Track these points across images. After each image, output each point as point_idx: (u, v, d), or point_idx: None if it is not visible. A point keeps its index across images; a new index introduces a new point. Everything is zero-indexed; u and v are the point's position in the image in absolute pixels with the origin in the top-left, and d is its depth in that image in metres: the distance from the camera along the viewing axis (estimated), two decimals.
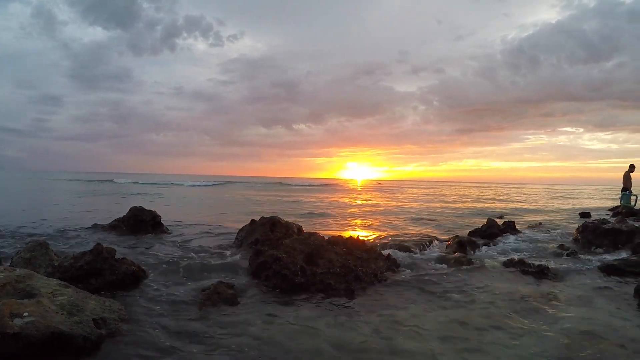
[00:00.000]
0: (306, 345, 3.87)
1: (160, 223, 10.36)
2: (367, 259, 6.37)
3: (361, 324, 4.42)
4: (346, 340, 4.01)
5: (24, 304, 3.57)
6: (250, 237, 8.20)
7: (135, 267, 5.58)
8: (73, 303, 3.90)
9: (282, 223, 8.33)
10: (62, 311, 3.72)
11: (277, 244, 6.62)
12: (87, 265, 5.22)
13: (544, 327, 4.42)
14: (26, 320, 3.34)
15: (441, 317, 4.70)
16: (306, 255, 6.13)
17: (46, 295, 3.88)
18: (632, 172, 14.32)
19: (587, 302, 5.36)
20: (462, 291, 5.76)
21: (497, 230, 10.39)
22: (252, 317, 4.55)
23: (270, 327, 4.29)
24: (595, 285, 6.15)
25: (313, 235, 6.85)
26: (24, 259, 5.63)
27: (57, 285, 4.18)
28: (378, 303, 5.19)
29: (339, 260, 6.08)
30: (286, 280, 5.58)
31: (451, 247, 8.65)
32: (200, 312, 4.65)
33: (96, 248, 5.43)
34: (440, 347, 3.87)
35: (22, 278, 4.02)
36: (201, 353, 3.67)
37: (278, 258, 5.86)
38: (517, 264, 6.92)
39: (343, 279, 5.79)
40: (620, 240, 8.72)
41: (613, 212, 19.01)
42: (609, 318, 4.77)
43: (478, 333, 4.23)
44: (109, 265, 5.33)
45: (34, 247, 5.85)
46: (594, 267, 7.29)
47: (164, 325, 4.20)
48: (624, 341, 4.09)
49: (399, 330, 4.26)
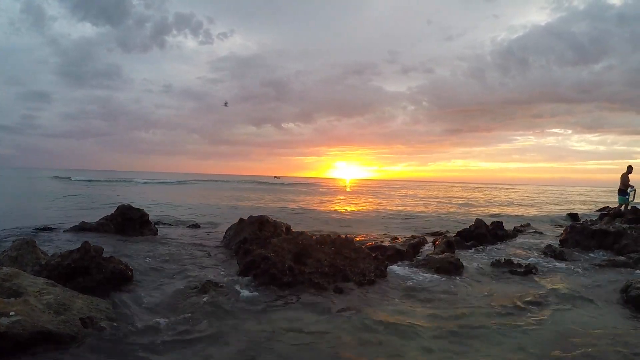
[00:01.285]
0: (294, 343, 3.89)
1: (148, 221, 10.28)
2: (356, 259, 6.39)
3: (349, 323, 4.45)
4: (334, 338, 4.03)
5: (11, 303, 3.55)
6: (239, 236, 8.19)
7: (122, 265, 5.55)
8: (60, 302, 3.88)
9: (270, 222, 8.33)
10: (49, 310, 3.71)
11: (265, 243, 6.63)
12: (75, 264, 5.18)
13: (532, 325, 4.50)
14: (13, 320, 3.33)
15: (429, 316, 4.75)
16: (295, 254, 6.14)
17: (33, 294, 3.86)
18: (630, 174, 14.41)
19: (575, 301, 5.46)
20: (449, 291, 5.82)
21: (485, 230, 10.46)
22: (240, 315, 4.56)
23: (259, 325, 4.31)
24: (583, 285, 6.26)
25: (302, 234, 6.87)
26: (10, 257, 5.58)
27: (44, 284, 4.16)
28: (366, 302, 5.23)
29: (327, 259, 6.10)
30: (274, 279, 5.59)
31: (439, 247, 8.70)
32: (189, 310, 4.64)
33: (83, 246, 5.39)
34: (429, 346, 3.91)
35: (8, 277, 3.99)
36: (189, 350, 3.67)
37: (266, 257, 5.86)
38: (505, 264, 6.99)
39: (331, 278, 5.81)
40: (607, 241, 8.84)
41: (601, 213, 19.24)
42: (597, 316, 4.87)
43: (465, 331, 4.29)
44: (96, 263, 5.29)
45: (21, 246, 5.80)
46: (581, 267, 7.39)
47: (152, 324, 4.20)
48: (612, 338, 4.19)
49: (387, 329, 4.30)
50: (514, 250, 9.42)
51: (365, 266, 6.33)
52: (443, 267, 6.95)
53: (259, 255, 5.98)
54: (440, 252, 8.03)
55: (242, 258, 6.24)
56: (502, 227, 11.14)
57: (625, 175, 14.33)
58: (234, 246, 7.97)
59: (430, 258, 7.46)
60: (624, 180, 14.18)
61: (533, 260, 7.88)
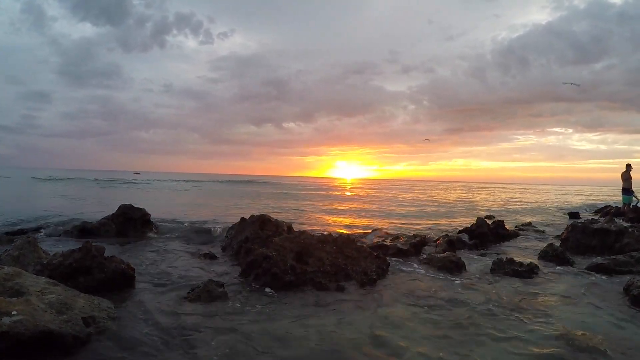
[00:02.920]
0: (296, 342, 3.88)
1: (149, 221, 10.30)
2: (357, 258, 6.39)
3: (351, 322, 4.45)
4: (336, 337, 4.03)
5: (13, 303, 3.54)
6: (240, 235, 8.18)
7: (124, 265, 5.55)
8: (62, 301, 3.88)
9: (272, 221, 8.33)
10: (50, 310, 3.70)
11: (267, 242, 6.63)
12: (76, 263, 5.18)
13: (534, 325, 4.48)
14: (14, 319, 3.32)
15: (430, 316, 4.74)
16: (296, 253, 6.14)
17: (35, 293, 3.85)
18: (629, 172, 14.41)
19: (577, 301, 5.43)
20: (451, 291, 5.81)
21: (487, 230, 10.45)
22: (242, 315, 4.56)
23: (261, 324, 4.30)
24: (585, 284, 6.23)
25: (303, 233, 6.87)
26: (12, 257, 5.58)
27: (45, 283, 4.15)
28: (368, 301, 5.22)
29: (329, 258, 6.10)
30: (276, 279, 5.59)
31: (441, 246, 8.70)
32: (191, 310, 4.64)
33: (85, 246, 5.39)
34: (430, 347, 3.90)
35: (10, 276, 3.98)
36: (191, 351, 3.67)
37: (268, 256, 5.86)
38: (507, 263, 6.97)
39: (333, 277, 5.81)
40: (609, 240, 8.82)
41: (602, 212, 19.23)
42: (600, 316, 4.85)
43: (467, 332, 4.28)
44: (98, 263, 5.29)
45: (23, 245, 5.80)
46: (583, 266, 7.38)
47: (154, 324, 4.20)
48: (615, 338, 4.16)
49: (388, 329, 4.29)
50: (515, 249, 9.42)
51: (367, 265, 6.33)
52: (445, 266, 6.96)
53: (260, 254, 5.97)
54: (442, 251, 8.03)
55: (244, 257, 6.24)
56: (504, 227, 11.13)
57: (626, 173, 14.35)
58: (235, 245, 7.96)
59: (432, 257, 7.47)
60: (626, 179, 14.20)
61: (534, 259, 7.86)
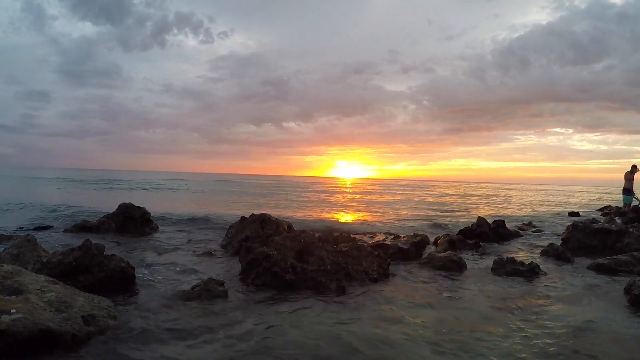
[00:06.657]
0: (297, 342, 3.86)
1: (149, 220, 10.30)
2: (358, 257, 6.37)
3: (352, 321, 4.42)
4: (337, 337, 4.00)
5: (12, 301, 3.53)
6: (240, 234, 8.18)
7: (124, 263, 5.53)
8: (61, 300, 3.86)
9: (272, 220, 8.33)
10: (50, 308, 3.68)
11: (267, 241, 6.60)
12: (76, 262, 5.17)
13: (536, 325, 4.46)
14: (14, 317, 3.30)
15: (432, 316, 4.72)
16: (297, 252, 6.12)
17: (34, 291, 3.84)
18: (633, 173, 14.39)
19: (578, 300, 5.41)
20: (452, 290, 5.80)
21: (488, 229, 10.44)
22: (242, 314, 4.54)
23: (261, 323, 4.28)
24: (586, 284, 6.21)
25: (304, 232, 6.85)
26: (11, 255, 5.56)
27: (45, 281, 4.14)
28: (368, 300, 5.20)
29: (329, 257, 6.08)
30: (277, 278, 5.57)
31: (442, 245, 8.69)
32: (191, 308, 4.62)
33: (85, 244, 5.38)
34: (432, 346, 3.88)
35: (9, 274, 3.97)
36: (191, 349, 3.65)
37: (268, 255, 5.84)
38: (508, 262, 6.95)
39: (334, 276, 5.79)
40: (609, 240, 8.80)
41: (603, 211, 19.24)
42: (601, 316, 4.82)
43: (469, 331, 4.25)
44: (98, 261, 5.28)
45: (22, 243, 5.78)
46: (584, 266, 7.36)
47: (154, 322, 4.18)
48: (616, 338, 4.13)
49: (390, 328, 4.26)
50: (516, 249, 9.41)
51: (367, 264, 6.31)
52: (445, 266, 6.94)
53: (261, 253, 5.95)
54: (442, 251, 8.02)
55: (244, 256, 6.21)
56: (504, 226, 11.12)
57: (629, 174, 14.34)
58: (235, 244, 7.96)
59: (432, 256, 7.44)
60: (629, 179, 14.19)
61: (535, 259, 7.84)
